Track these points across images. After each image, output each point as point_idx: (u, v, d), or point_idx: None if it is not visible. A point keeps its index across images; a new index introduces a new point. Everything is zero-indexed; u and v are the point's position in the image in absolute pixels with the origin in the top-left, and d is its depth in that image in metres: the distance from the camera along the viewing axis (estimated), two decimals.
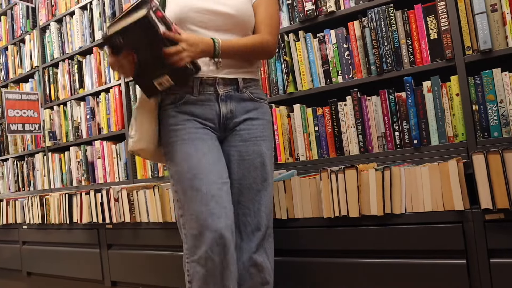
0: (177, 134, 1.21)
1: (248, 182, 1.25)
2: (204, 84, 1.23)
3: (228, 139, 1.28)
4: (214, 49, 1.16)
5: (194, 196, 1.14)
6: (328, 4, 1.78)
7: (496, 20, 1.46)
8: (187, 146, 1.18)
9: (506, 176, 1.17)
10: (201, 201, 1.13)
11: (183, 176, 1.16)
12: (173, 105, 1.24)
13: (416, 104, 1.60)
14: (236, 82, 1.26)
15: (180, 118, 1.22)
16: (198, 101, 1.23)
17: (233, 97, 1.26)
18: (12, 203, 2.68)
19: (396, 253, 1.35)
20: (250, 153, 1.26)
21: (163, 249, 1.91)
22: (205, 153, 1.18)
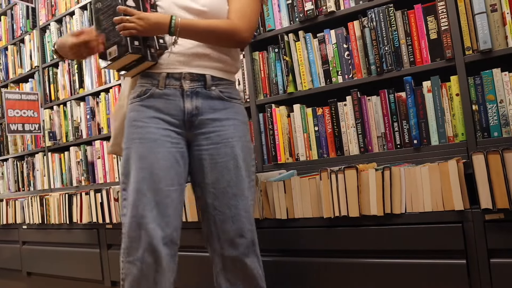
0: (137, 131, 1.17)
1: (223, 186, 1.21)
2: (170, 78, 1.20)
3: (198, 141, 1.23)
4: (170, 25, 1.12)
5: (139, 199, 1.12)
6: (328, 4, 1.78)
7: (496, 20, 1.46)
8: (143, 147, 1.15)
9: (506, 176, 1.17)
10: (144, 207, 1.12)
11: (133, 177, 1.14)
12: (138, 99, 1.21)
13: (416, 104, 1.60)
14: (204, 78, 1.22)
15: (143, 114, 1.18)
16: (163, 95, 1.19)
17: (199, 93, 1.21)
18: (12, 203, 2.68)
19: (396, 253, 1.35)
20: (223, 156, 1.21)
21: None
22: (159, 158, 1.15)
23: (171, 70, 1.20)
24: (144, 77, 1.22)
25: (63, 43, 1.18)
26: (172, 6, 1.20)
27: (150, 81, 1.20)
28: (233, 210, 1.21)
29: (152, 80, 1.20)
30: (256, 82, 1.99)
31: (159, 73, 1.20)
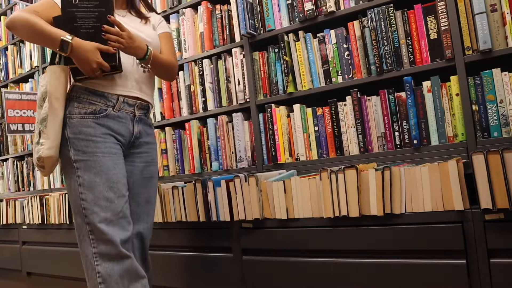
0: (97, 145, 1.30)
1: (145, 197, 1.45)
2: (125, 104, 1.37)
3: (132, 157, 1.43)
4: (146, 52, 1.35)
5: (108, 206, 1.26)
6: (328, 4, 1.78)
7: (496, 20, 1.46)
8: (106, 160, 1.30)
9: (506, 176, 1.17)
10: (112, 212, 1.26)
11: (99, 186, 1.27)
12: (92, 116, 1.32)
13: (416, 104, 1.60)
14: (148, 107, 1.46)
15: (99, 131, 1.31)
16: (117, 117, 1.35)
17: (142, 120, 1.44)
18: (12, 203, 2.68)
19: (396, 253, 1.35)
20: (149, 172, 1.47)
21: (163, 249, 1.91)
22: (119, 169, 1.32)
23: (126, 93, 1.37)
24: (95, 96, 1.33)
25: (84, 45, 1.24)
26: None
27: (104, 101, 1.34)
28: (150, 218, 1.47)
29: (107, 101, 1.34)
30: (256, 82, 1.99)
31: (116, 96, 1.35)
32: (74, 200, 1.29)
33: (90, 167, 1.28)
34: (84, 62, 1.24)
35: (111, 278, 1.24)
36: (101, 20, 1.24)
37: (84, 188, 1.27)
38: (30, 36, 1.28)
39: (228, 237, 1.69)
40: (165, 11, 2.32)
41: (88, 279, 1.27)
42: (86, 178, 1.27)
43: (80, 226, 1.27)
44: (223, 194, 1.67)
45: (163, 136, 2.29)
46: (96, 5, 1.23)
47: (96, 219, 1.24)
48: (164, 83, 2.30)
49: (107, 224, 1.25)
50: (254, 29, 1.97)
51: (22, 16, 1.25)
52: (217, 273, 1.72)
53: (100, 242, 1.24)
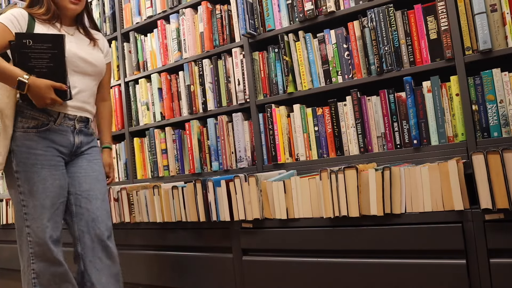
0: (37, 158, 1.43)
1: (95, 193, 1.55)
2: (66, 118, 1.49)
3: (77, 161, 1.56)
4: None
5: (43, 213, 1.42)
6: (328, 4, 1.78)
7: (496, 20, 1.46)
8: (45, 171, 1.43)
9: (506, 176, 1.17)
10: (47, 218, 1.42)
11: (38, 195, 1.41)
12: (35, 130, 1.43)
13: (416, 104, 1.60)
14: (88, 121, 1.58)
15: (41, 144, 1.44)
16: (58, 130, 1.47)
17: (83, 131, 1.56)
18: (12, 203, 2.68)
19: (396, 253, 1.35)
20: (95, 171, 1.58)
21: (163, 249, 1.91)
22: (55, 179, 1.45)
23: (69, 112, 1.50)
24: (38, 111, 1.43)
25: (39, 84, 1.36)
26: (74, 57, 1.49)
27: (46, 116, 1.44)
28: (103, 213, 1.56)
29: (49, 116, 1.45)
30: (256, 82, 1.99)
31: (57, 112, 1.46)
32: (16, 205, 1.44)
33: (30, 177, 1.41)
34: (39, 99, 1.37)
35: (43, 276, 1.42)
36: (54, 61, 1.38)
37: (25, 195, 1.42)
38: None
39: (228, 237, 1.69)
40: (165, 11, 2.32)
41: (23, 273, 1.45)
42: (26, 187, 1.41)
43: (20, 228, 1.43)
44: (223, 194, 1.67)
45: (163, 136, 2.29)
46: (49, 47, 1.37)
47: (34, 224, 1.40)
48: (164, 83, 2.30)
49: (43, 229, 1.41)
50: (254, 29, 1.97)
51: None
52: (217, 273, 1.72)
53: (35, 244, 1.41)
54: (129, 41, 2.49)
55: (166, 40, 2.31)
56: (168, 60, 2.31)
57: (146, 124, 2.38)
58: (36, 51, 1.35)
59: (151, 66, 2.38)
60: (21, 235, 1.44)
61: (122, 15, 2.52)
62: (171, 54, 2.29)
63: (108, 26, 2.57)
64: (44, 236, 1.41)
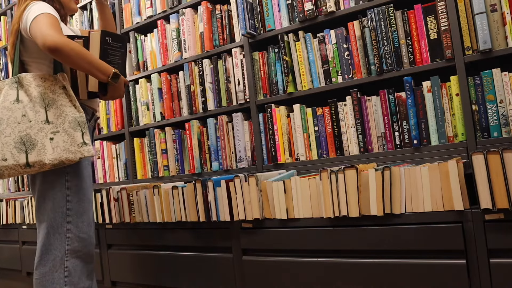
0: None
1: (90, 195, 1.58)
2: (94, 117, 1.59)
3: None
4: None
5: (90, 208, 1.47)
6: (328, 4, 1.78)
7: (496, 20, 1.46)
8: (89, 167, 1.50)
9: (505, 176, 1.17)
10: (92, 213, 1.49)
11: (85, 190, 1.46)
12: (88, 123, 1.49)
13: (416, 104, 1.60)
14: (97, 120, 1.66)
15: None
16: (90, 128, 1.54)
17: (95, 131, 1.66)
18: (12, 203, 2.68)
19: (396, 253, 1.35)
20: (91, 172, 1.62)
21: (163, 249, 1.91)
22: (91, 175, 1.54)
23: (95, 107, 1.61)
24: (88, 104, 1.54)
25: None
26: None
27: (86, 114, 1.50)
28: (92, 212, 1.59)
29: (87, 114, 1.52)
30: (256, 82, 1.99)
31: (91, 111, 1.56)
32: (57, 200, 1.42)
33: (80, 173, 1.45)
34: (118, 91, 1.48)
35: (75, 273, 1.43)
36: (122, 58, 1.54)
37: (71, 191, 1.43)
38: (78, 63, 1.35)
39: (228, 237, 1.69)
40: (165, 11, 2.32)
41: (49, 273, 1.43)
42: (75, 182, 1.43)
43: (58, 224, 1.42)
44: (223, 194, 1.67)
45: (163, 136, 2.29)
46: (120, 46, 1.52)
47: (79, 219, 1.42)
48: (164, 83, 2.30)
49: (89, 223, 1.45)
50: (254, 29, 1.97)
51: (74, 45, 1.32)
52: (217, 273, 1.72)
53: (75, 240, 1.42)
54: (129, 41, 2.49)
55: (166, 40, 2.31)
56: (168, 60, 2.31)
57: (146, 124, 2.38)
58: (112, 48, 1.49)
59: (151, 66, 2.38)
60: (56, 232, 1.42)
61: (122, 15, 2.52)
62: (171, 54, 2.29)
63: None
64: (90, 230, 1.45)
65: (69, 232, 1.42)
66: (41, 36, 1.30)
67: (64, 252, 1.41)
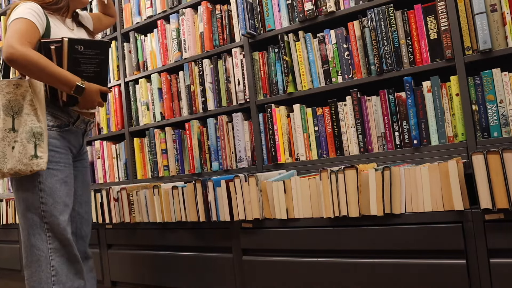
0: (60, 156, 1.46)
1: (85, 198, 1.64)
2: (82, 121, 1.54)
3: (76, 164, 1.60)
4: None
5: (64, 210, 1.44)
6: (328, 4, 1.78)
7: (496, 20, 1.46)
8: (66, 170, 1.47)
9: (505, 176, 1.17)
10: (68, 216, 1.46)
11: (60, 193, 1.44)
12: (58, 129, 1.46)
13: (416, 104, 1.60)
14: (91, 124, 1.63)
15: (62, 143, 1.47)
16: (74, 132, 1.53)
17: (87, 134, 1.62)
18: (12, 203, 2.68)
19: (396, 253, 1.35)
20: (87, 177, 1.66)
21: (163, 249, 1.91)
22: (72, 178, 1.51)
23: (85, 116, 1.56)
24: (61, 111, 1.46)
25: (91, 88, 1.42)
26: None
27: (67, 118, 1.48)
28: (90, 216, 1.67)
29: (69, 117, 1.49)
30: (256, 82, 1.99)
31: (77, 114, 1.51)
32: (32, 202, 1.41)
33: (53, 175, 1.42)
34: (89, 102, 1.43)
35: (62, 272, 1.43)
36: (100, 66, 1.43)
37: (45, 192, 1.41)
38: (40, 75, 1.32)
39: (228, 237, 1.69)
40: (165, 11, 2.32)
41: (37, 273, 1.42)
42: (48, 184, 1.41)
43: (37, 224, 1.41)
44: (223, 194, 1.67)
45: (163, 136, 2.29)
46: (97, 53, 1.41)
47: (55, 221, 1.41)
48: (164, 83, 2.30)
49: (64, 226, 1.43)
50: (254, 29, 1.97)
51: (32, 57, 1.29)
52: (217, 273, 1.72)
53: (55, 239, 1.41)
54: (129, 41, 2.49)
55: (166, 40, 2.31)
56: (168, 60, 2.31)
57: (146, 124, 2.38)
58: (86, 57, 1.40)
59: (151, 66, 2.38)
60: (35, 232, 1.42)
61: (122, 15, 2.52)
62: (171, 54, 2.29)
63: None
64: (66, 233, 1.43)
65: (49, 231, 1.41)
66: (4, 44, 1.30)
67: (47, 251, 1.41)
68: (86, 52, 1.39)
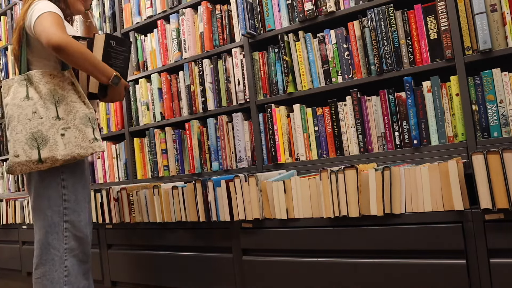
0: None
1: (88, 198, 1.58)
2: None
3: None
4: None
5: (87, 207, 1.47)
6: (328, 4, 1.78)
7: (496, 20, 1.46)
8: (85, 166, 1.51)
9: (505, 176, 1.17)
10: (89, 212, 1.48)
11: (82, 189, 1.45)
12: None
13: (416, 104, 1.60)
14: None
15: None
16: None
17: None
18: (12, 203, 2.68)
19: (396, 253, 1.35)
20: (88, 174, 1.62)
21: (163, 249, 1.91)
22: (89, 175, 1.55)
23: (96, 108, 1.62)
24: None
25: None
26: None
27: None
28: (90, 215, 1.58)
29: None
30: (256, 82, 1.99)
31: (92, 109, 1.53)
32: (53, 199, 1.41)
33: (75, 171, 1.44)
34: (118, 94, 1.50)
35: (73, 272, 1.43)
36: (125, 63, 1.55)
37: (67, 190, 1.42)
38: (82, 64, 1.35)
39: (228, 237, 1.69)
40: (165, 11, 2.32)
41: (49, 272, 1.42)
42: (71, 180, 1.43)
43: (56, 223, 1.41)
44: (223, 194, 1.67)
45: (163, 136, 2.29)
46: (124, 50, 1.53)
47: (76, 218, 1.42)
48: (164, 83, 2.30)
49: (85, 223, 1.45)
50: (254, 29, 1.97)
51: (77, 45, 1.33)
52: (217, 273, 1.72)
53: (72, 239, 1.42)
54: None
55: (166, 40, 2.31)
56: (168, 60, 2.31)
57: (146, 124, 2.38)
58: (116, 52, 1.51)
59: (151, 66, 2.38)
60: (53, 231, 1.41)
61: (122, 15, 2.52)
62: (171, 54, 2.29)
63: (108, 26, 2.57)
64: (87, 230, 1.45)
65: (67, 231, 1.41)
66: (45, 34, 1.30)
67: (63, 251, 1.41)
68: (117, 48, 1.50)
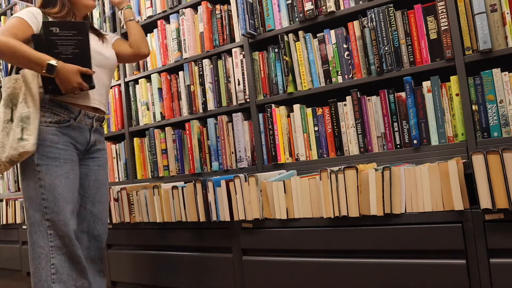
0: (59, 152, 1.45)
1: (99, 197, 1.62)
2: (86, 116, 1.53)
3: (87, 161, 1.60)
4: None
5: (66, 207, 1.44)
6: (328, 4, 1.78)
7: (496, 20, 1.46)
8: (67, 166, 1.46)
9: (505, 176, 1.17)
10: (70, 212, 1.45)
11: (60, 189, 1.43)
12: (56, 125, 1.46)
13: (416, 104, 1.60)
14: (103, 119, 1.63)
15: (62, 139, 1.46)
16: (77, 128, 1.51)
17: (97, 130, 1.61)
18: (12, 203, 2.68)
19: (396, 253, 1.35)
20: (102, 175, 1.64)
21: (163, 249, 1.91)
22: (75, 174, 1.50)
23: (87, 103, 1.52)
24: (60, 107, 1.47)
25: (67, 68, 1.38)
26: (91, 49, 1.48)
27: (68, 113, 1.48)
28: (104, 216, 1.65)
29: (70, 113, 1.48)
30: (256, 82, 1.99)
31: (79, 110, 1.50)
32: (33, 199, 1.43)
33: (52, 171, 1.43)
34: (67, 83, 1.38)
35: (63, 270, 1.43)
36: (79, 47, 1.41)
37: (45, 189, 1.42)
38: (15, 58, 1.36)
39: (228, 237, 1.69)
40: (165, 11, 2.32)
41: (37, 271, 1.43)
42: (47, 180, 1.42)
43: (38, 222, 1.42)
44: (223, 194, 1.67)
45: (163, 136, 2.29)
46: (75, 33, 1.40)
47: (56, 218, 1.41)
48: (164, 83, 2.30)
49: (65, 222, 1.42)
50: (254, 29, 1.97)
51: (7, 41, 1.34)
52: (217, 273, 1.72)
53: (56, 237, 1.42)
54: None
55: (166, 40, 2.31)
56: (168, 60, 2.31)
57: (146, 124, 2.38)
58: (62, 38, 1.39)
59: (151, 66, 2.38)
60: (37, 229, 1.43)
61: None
62: (171, 54, 2.29)
63: (108, 26, 2.57)
64: (68, 230, 1.43)
65: (50, 228, 1.42)
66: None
67: (48, 249, 1.41)
68: (63, 34, 1.39)
